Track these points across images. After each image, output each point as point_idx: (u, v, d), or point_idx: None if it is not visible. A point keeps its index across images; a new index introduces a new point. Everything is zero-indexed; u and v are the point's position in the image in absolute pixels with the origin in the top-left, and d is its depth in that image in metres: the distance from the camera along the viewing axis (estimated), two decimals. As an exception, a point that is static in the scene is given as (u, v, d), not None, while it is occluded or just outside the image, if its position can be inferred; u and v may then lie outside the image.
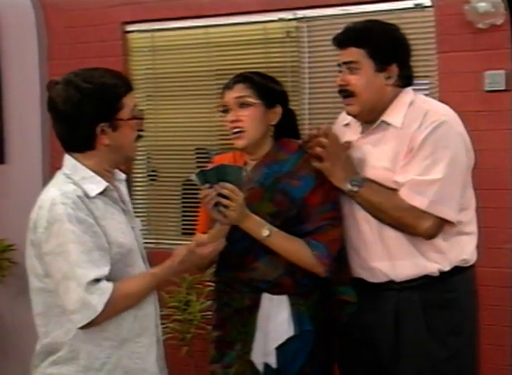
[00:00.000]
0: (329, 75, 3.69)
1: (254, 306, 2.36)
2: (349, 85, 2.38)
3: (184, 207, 4.33)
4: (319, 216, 2.35)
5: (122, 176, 2.24)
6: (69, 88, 2.03)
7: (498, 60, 3.40)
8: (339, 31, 2.45)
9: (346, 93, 2.40)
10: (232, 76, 2.47)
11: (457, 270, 2.39)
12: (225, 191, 2.24)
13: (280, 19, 3.93)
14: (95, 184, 2.05)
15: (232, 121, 2.39)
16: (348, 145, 2.42)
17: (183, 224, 4.33)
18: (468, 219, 2.42)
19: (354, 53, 2.37)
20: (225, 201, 2.24)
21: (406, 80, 2.43)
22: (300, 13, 3.87)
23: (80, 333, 2.00)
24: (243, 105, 2.38)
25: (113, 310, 1.98)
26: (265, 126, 2.41)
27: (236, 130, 2.39)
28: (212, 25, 4.10)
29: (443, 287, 2.36)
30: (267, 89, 2.42)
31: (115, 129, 2.05)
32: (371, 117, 2.41)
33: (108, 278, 1.98)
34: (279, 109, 2.43)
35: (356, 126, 2.49)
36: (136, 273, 2.10)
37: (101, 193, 2.06)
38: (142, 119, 2.15)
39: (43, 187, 2.09)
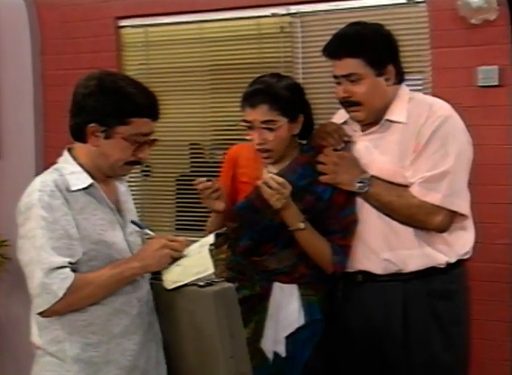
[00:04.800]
0: (323, 70, 3.68)
1: (265, 295, 2.41)
2: (353, 96, 2.37)
3: (178, 203, 4.32)
4: (344, 218, 2.41)
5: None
6: (92, 79, 2.06)
7: (491, 56, 3.40)
8: (331, 31, 2.45)
9: (350, 103, 2.39)
10: (250, 86, 2.45)
11: (459, 263, 2.43)
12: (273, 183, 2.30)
13: (274, 15, 3.92)
14: (81, 180, 2.06)
15: (259, 143, 2.41)
16: (349, 139, 2.46)
17: (177, 220, 4.32)
18: (469, 214, 2.45)
19: (351, 64, 2.34)
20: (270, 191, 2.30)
21: (400, 75, 2.45)
22: (294, 8, 3.86)
23: (66, 325, 1.99)
24: (270, 128, 2.38)
25: (75, 298, 1.94)
26: (290, 138, 2.44)
27: (264, 153, 2.42)
28: (206, 20, 4.09)
29: (447, 278, 2.41)
30: (289, 103, 2.40)
31: (107, 137, 2.05)
32: (375, 119, 2.42)
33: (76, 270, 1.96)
34: (301, 119, 2.45)
35: (354, 124, 2.50)
36: None
37: (86, 189, 2.06)
38: (141, 146, 2.12)
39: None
